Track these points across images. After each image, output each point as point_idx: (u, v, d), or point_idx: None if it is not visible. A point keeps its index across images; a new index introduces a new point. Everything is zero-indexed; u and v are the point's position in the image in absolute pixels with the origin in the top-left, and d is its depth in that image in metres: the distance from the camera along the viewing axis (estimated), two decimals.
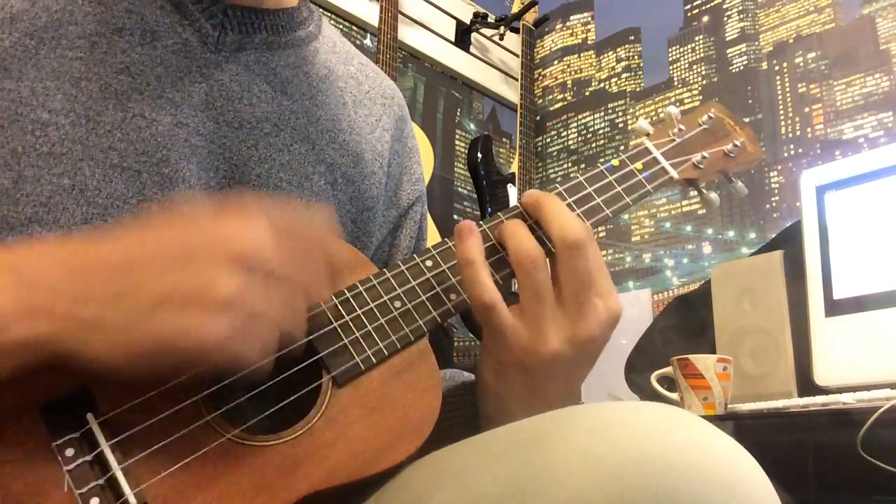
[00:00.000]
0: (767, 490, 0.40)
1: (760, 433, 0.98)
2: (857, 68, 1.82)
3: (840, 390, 1.03)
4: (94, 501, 0.41)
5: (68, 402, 0.43)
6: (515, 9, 2.45)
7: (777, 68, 1.98)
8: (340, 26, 2.14)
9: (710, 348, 1.32)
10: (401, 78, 2.24)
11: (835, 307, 1.16)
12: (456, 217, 2.35)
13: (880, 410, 0.83)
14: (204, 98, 0.58)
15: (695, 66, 2.17)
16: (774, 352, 1.22)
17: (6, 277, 0.41)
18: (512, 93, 2.57)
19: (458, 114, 2.48)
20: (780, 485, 0.43)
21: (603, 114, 2.40)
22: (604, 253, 2.22)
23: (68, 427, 0.42)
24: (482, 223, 0.58)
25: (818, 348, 1.16)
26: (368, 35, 2.18)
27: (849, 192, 1.19)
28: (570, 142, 2.48)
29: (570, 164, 2.46)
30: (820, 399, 0.97)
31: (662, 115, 0.70)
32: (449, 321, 0.57)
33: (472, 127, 2.50)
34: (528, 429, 0.44)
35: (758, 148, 0.72)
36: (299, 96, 0.64)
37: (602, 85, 2.44)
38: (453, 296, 0.56)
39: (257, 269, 0.43)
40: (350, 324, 0.53)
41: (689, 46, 2.19)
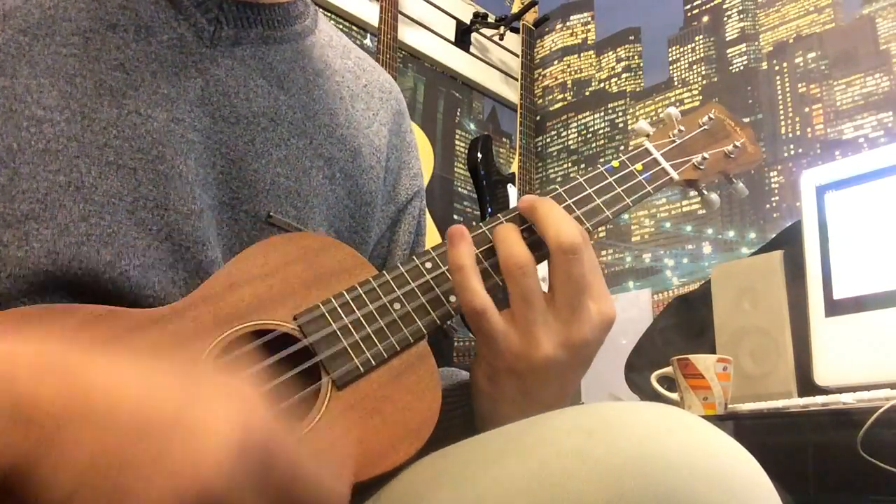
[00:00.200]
0: (768, 490, 0.40)
1: (760, 433, 0.98)
2: (857, 68, 1.82)
3: (840, 390, 1.03)
4: None
5: None
6: (515, 9, 2.45)
7: (777, 68, 1.98)
8: (340, 26, 2.14)
9: (710, 348, 1.32)
10: (401, 78, 2.24)
11: (835, 307, 1.16)
12: (456, 217, 2.35)
13: (880, 410, 0.83)
14: (200, 93, 0.57)
15: (695, 66, 2.17)
16: (774, 352, 1.22)
17: None
18: (512, 93, 2.57)
19: (458, 114, 2.48)
20: (780, 485, 0.43)
21: (603, 114, 2.40)
22: (604, 253, 2.22)
23: None
24: (482, 224, 0.58)
25: (818, 348, 1.16)
26: (368, 35, 2.18)
27: (849, 192, 1.19)
28: (570, 142, 2.48)
29: (570, 165, 2.46)
30: (820, 399, 0.97)
31: (663, 115, 0.70)
32: (448, 322, 0.57)
33: (472, 127, 2.50)
34: (527, 430, 0.44)
35: (758, 149, 0.72)
36: (296, 91, 0.64)
37: (602, 85, 2.44)
38: (453, 298, 0.56)
39: (261, 452, 0.33)
40: (349, 326, 0.53)
41: (689, 46, 2.19)
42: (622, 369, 1.47)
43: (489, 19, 2.45)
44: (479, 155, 2.20)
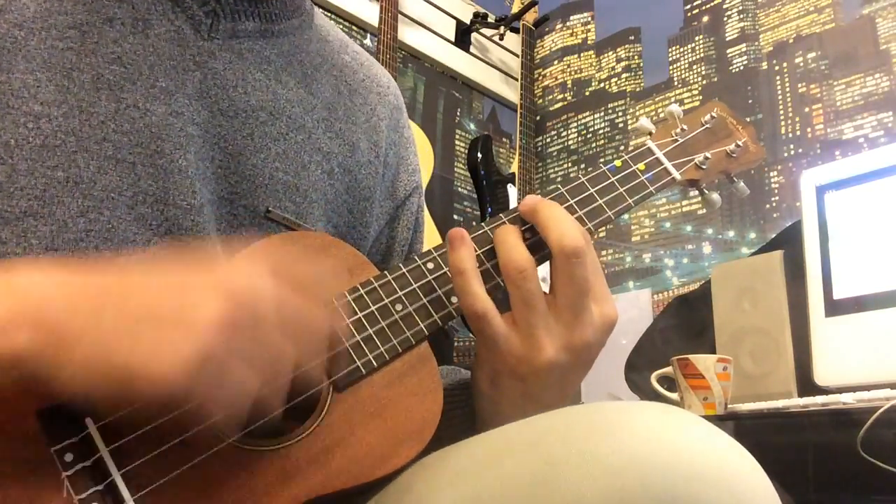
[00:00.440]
0: (767, 490, 0.40)
1: (760, 433, 0.98)
2: (857, 68, 1.82)
3: (840, 390, 1.03)
4: None
5: (68, 407, 0.43)
6: (515, 9, 2.45)
7: (777, 68, 1.98)
8: (340, 26, 2.13)
9: (710, 348, 1.32)
10: (401, 78, 2.24)
11: (835, 307, 1.16)
12: (456, 217, 2.35)
13: (880, 410, 0.83)
14: (198, 87, 0.57)
15: (695, 66, 2.17)
16: (774, 352, 1.22)
17: None
18: (512, 93, 2.57)
19: (458, 114, 2.48)
20: (780, 485, 0.43)
21: (603, 114, 2.40)
22: (604, 253, 2.22)
23: (67, 432, 0.42)
24: (484, 224, 0.58)
25: (818, 348, 1.16)
26: (368, 35, 2.18)
27: (849, 192, 1.19)
28: (570, 142, 2.48)
29: (570, 164, 2.46)
30: (820, 399, 0.97)
31: (664, 113, 0.70)
32: (450, 323, 0.57)
33: (472, 127, 2.50)
34: (528, 430, 0.43)
35: (760, 147, 0.72)
36: (294, 85, 0.64)
37: (602, 85, 2.43)
38: (454, 300, 0.55)
39: (247, 309, 0.40)
40: (351, 327, 0.52)
41: (689, 46, 2.19)
42: (622, 369, 1.47)
43: (489, 19, 2.45)
44: (479, 155, 2.19)
